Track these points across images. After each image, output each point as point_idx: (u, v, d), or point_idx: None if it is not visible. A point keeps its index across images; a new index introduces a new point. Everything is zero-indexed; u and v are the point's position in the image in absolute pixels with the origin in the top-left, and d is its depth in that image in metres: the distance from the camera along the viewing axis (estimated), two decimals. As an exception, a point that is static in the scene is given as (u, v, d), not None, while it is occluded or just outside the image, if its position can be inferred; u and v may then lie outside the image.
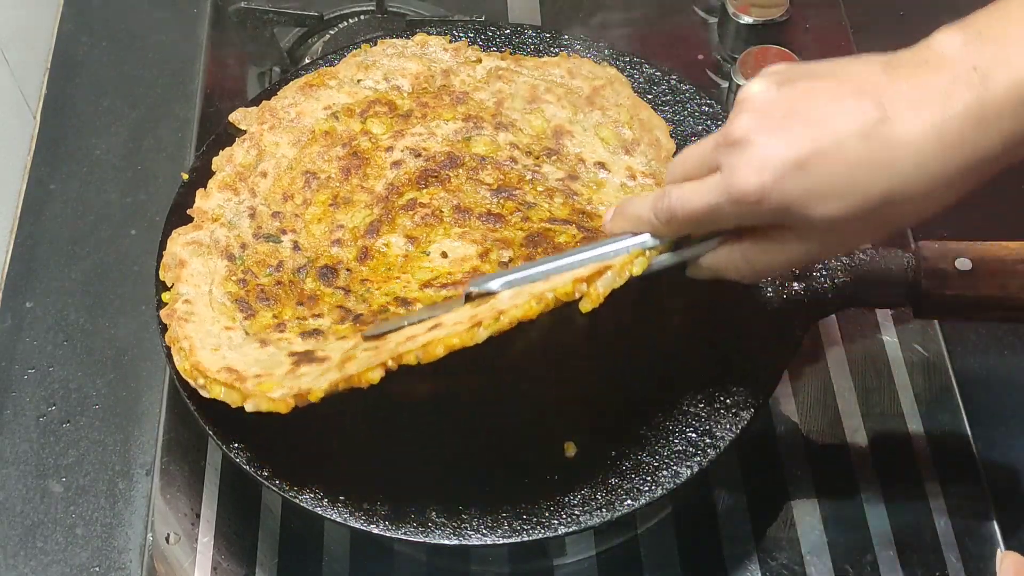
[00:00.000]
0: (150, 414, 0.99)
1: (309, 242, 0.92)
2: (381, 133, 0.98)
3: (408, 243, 0.91)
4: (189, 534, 0.92)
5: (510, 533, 0.81)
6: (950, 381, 0.98)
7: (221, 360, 0.81)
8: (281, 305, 0.87)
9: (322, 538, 0.92)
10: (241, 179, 0.94)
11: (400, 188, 0.94)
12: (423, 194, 0.94)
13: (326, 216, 0.93)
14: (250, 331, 0.85)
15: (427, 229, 0.92)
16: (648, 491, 0.82)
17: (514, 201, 0.92)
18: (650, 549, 0.91)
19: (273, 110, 0.98)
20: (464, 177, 0.94)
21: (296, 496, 0.82)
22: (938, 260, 0.87)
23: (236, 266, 0.89)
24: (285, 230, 0.92)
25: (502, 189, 0.93)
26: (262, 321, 0.86)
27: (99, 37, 1.26)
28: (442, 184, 0.94)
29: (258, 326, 0.85)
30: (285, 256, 0.90)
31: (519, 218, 0.91)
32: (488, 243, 0.90)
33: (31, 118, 1.19)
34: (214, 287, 0.88)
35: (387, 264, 0.90)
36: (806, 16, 1.22)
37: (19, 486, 0.96)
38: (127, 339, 1.04)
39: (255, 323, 0.86)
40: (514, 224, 0.91)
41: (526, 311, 0.73)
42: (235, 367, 0.80)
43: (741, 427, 0.84)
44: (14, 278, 1.08)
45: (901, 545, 0.90)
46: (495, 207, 0.92)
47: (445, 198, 0.93)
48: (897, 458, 0.94)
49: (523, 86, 1.00)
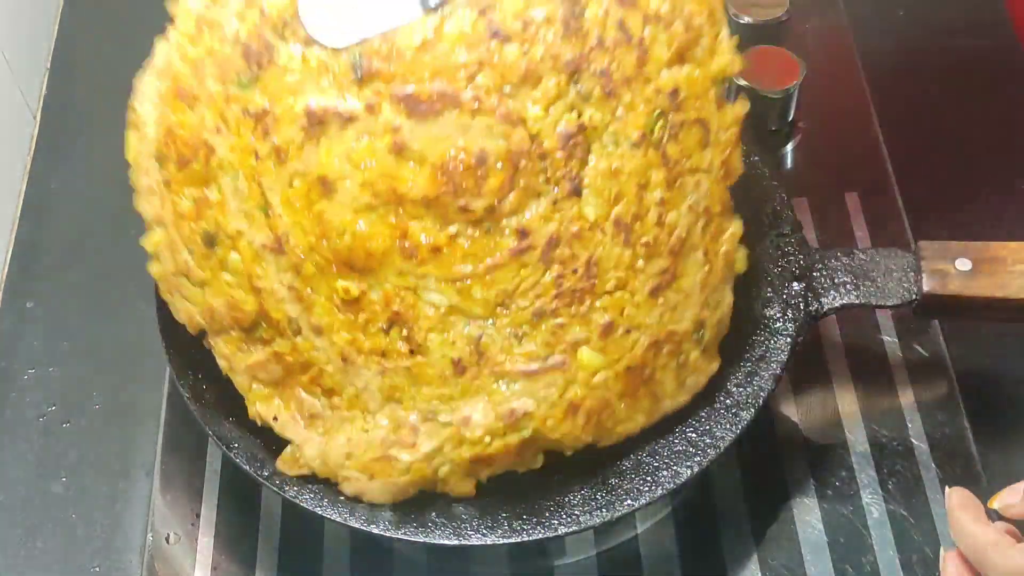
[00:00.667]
0: (150, 414, 0.99)
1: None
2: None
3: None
4: (189, 534, 0.92)
5: (510, 533, 0.81)
6: (950, 381, 0.98)
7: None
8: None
9: (322, 538, 0.92)
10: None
11: None
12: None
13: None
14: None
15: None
16: (648, 491, 0.82)
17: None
18: (650, 549, 0.91)
19: None
20: None
21: (296, 496, 0.82)
22: (938, 260, 0.87)
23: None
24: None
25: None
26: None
27: (99, 37, 1.26)
28: None
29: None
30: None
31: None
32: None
33: (31, 118, 1.19)
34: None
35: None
36: (806, 16, 1.22)
37: (19, 486, 0.96)
38: (127, 339, 1.04)
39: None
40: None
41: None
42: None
43: (741, 427, 0.84)
44: (14, 278, 1.08)
45: (901, 545, 0.90)
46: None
47: None
48: (897, 458, 0.94)
49: None
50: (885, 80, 1.19)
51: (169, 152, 0.77)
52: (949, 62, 1.21)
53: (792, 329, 0.88)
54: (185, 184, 0.77)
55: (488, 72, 0.76)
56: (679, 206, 0.79)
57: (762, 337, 0.88)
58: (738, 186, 0.95)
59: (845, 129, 1.16)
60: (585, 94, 0.77)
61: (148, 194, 0.79)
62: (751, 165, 0.96)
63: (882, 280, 0.89)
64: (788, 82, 1.11)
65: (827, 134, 1.16)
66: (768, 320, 0.88)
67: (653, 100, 0.78)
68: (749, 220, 0.94)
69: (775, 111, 1.13)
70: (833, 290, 0.89)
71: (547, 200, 0.77)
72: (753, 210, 0.94)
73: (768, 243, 0.92)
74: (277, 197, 0.77)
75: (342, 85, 0.76)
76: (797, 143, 1.15)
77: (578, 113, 0.78)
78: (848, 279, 0.89)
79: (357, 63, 0.76)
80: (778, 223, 0.93)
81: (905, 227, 1.07)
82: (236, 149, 0.77)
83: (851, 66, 1.20)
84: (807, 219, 1.08)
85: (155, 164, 0.78)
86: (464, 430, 0.78)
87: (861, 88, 1.17)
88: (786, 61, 1.12)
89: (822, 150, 1.14)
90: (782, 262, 0.91)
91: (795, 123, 1.15)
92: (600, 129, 0.78)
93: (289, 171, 0.76)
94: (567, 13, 0.77)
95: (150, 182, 0.78)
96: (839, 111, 1.17)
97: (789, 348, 0.87)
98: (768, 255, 0.92)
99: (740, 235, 0.83)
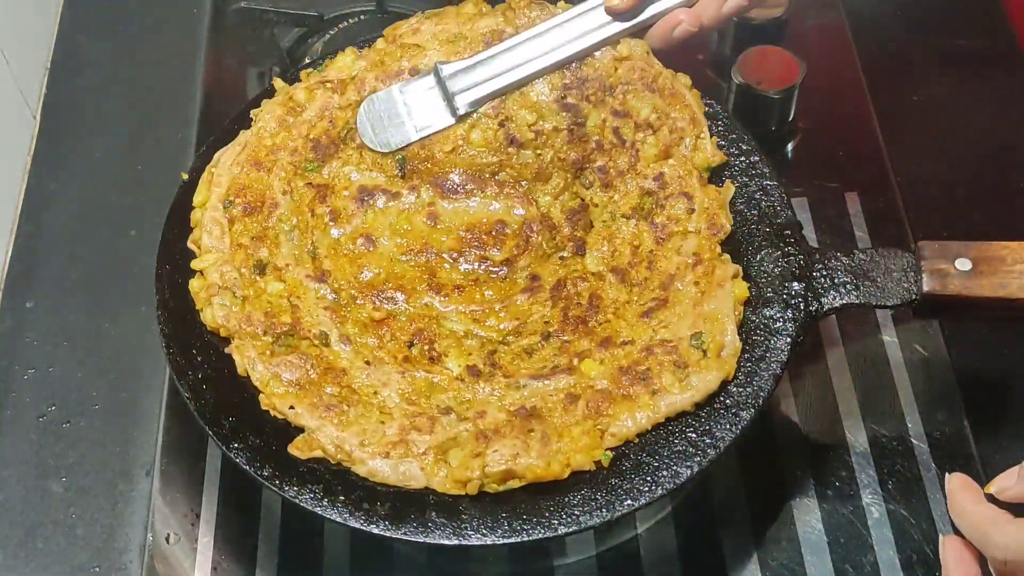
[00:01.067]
0: (150, 414, 0.99)
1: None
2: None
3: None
4: (189, 534, 0.92)
5: (510, 533, 0.81)
6: (950, 381, 0.98)
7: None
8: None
9: (322, 538, 0.92)
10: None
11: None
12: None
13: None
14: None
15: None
16: (648, 491, 0.82)
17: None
18: (650, 549, 0.91)
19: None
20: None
21: (296, 496, 0.82)
22: (938, 260, 0.87)
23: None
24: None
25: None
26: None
27: (99, 37, 1.26)
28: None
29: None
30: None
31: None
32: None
33: (31, 118, 1.19)
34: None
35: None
36: (806, 16, 1.22)
37: (19, 486, 0.96)
38: (127, 339, 1.04)
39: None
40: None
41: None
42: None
43: (741, 427, 0.84)
44: (14, 278, 1.08)
45: (901, 545, 0.90)
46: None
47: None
48: (897, 458, 0.94)
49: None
50: (885, 80, 1.19)
51: (239, 200, 0.94)
52: (949, 62, 1.21)
53: (792, 329, 0.88)
54: (247, 224, 0.93)
55: (507, 171, 0.98)
56: (669, 257, 0.92)
57: (762, 337, 0.88)
58: (739, 187, 0.96)
59: (845, 129, 1.16)
60: (587, 184, 0.97)
61: (212, 224, 0.93)
62: (751, 165, 0.97)
63: (882, 280, 0.89)
64: (788, 82, 1.11)
65: (827, 134, 1.16)
66: (768, 320, 0.88)
67: (643, 184, 0.95)
68: (749, 220, 0.94)
69: (775, 111, 1.13)
70: (833, 290, 0.89)
71: (556, 257, 0.95)
72: (753, 210, 0.94)
73: (768, 243, 0.92)
74: (324, 246, 0.94)
75: (390, 176, 0.98)
76: (797, 143, 1.15)
77: (581, 198, 0.97)
78: (848, 279, 0.89)
79: (402, 163, 0.98)
80: (778, 223, 0.93)
81: (905, 227, 1.07)
82: (296, 208, 0.95)
83: (851, 66, 1.20)
84: (807, 219, 1.08)
85: (221, 205, 0.93)
86: (480, 422, 0.84)
87: (861, 88, 1.17)
88: (786, 61, 1.12)
89: (822, 150, 1.14)
90: (782, 262, 0.91)
91: (795, 123, 1.15)
92: (600, 207, 0.96)
93: (340, 228, 0.95)
94: (571, 123, 0.97)
95: (216, 216, 0.93)
96: (839, 111, 1.17)
97: (789, 348, 0.87)
98: (768, 255, 0.92)
99: (732, 275, 0.89)
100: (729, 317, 0.87)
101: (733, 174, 0.96)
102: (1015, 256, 0.87)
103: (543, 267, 0.94)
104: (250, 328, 0.88)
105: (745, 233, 0.94)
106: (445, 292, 0.92)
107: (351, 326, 0.89)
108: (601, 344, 0.88)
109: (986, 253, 0.87)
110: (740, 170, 0.96)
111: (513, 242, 0.95)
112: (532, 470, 0.81)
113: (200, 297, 0.89)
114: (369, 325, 0.90)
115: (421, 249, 0.94)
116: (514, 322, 0.91)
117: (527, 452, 0.81)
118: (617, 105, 0.97)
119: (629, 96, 0.97)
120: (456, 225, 0.95)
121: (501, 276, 0.94)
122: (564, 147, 0.97)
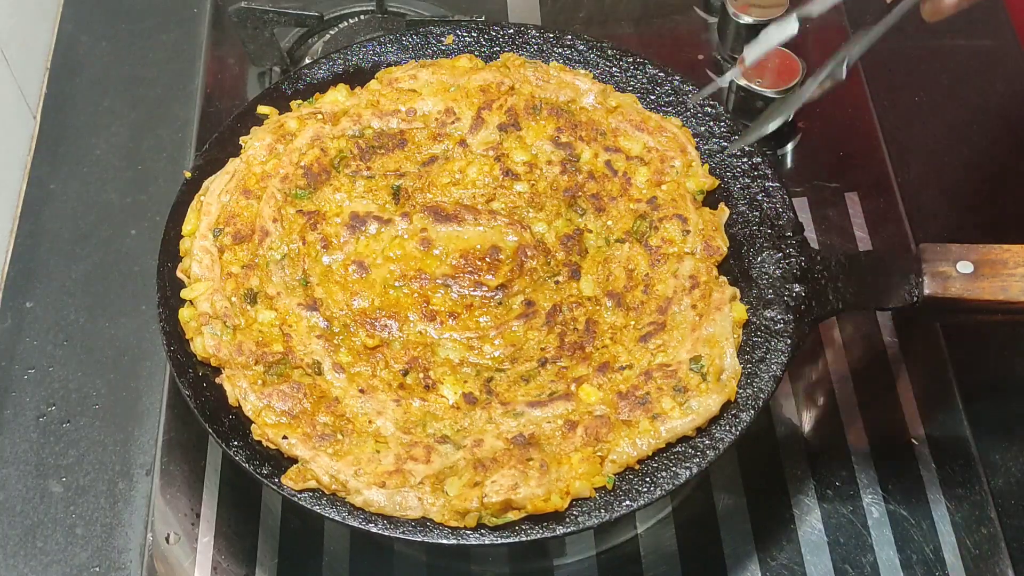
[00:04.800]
0: (150, 414, 0.99)
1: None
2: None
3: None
4: (189, 534, 0.92)
5: (510, 533, 0.81)
6: (950, 382, 0.98)
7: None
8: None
9: (322, 538, 0.92)
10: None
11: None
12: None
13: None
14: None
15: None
16: (647, 491, 0.82)
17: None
18: (650, 549, 0.91)
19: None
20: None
21: (296, 496, 0.82)
22: (939, 262, 0.87)
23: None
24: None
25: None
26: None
27: (99, 37, 1.26)
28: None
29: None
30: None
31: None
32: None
33: (31, 118, 1.19)
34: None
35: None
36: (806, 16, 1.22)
37: (19, 486, 0.96)
38: (127, 339, 1.04)
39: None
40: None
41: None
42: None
43: (740, 428, 0.84)
44: (14, 278, 1.08)
45: (901, 545, 0.90)
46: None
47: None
48: (897, 458, 0.94)
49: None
50: (885, 80, 1.19)
51: (228, 229, 0.94)
52: (949, 62, 1.21)
53: (792, 331, 0.88)
54: (238, 253, 0.93)
55: (502, 199, 0.98)
56: (665, 280, 0.91)
57: (762, 339, 0.88)
58: (740, 188, 0.96)
59: (845, 129, 1.16)
60: (580, 212, 0.98)
61: (202, 253, 0.92)
62: (753, 166, 0.97)
63: (883, 282, 0.89)
64: (788, 82, 1.11)
65: (827, 134, 1.16)
66: (769, 322, 0.88)
67: (636, 207, 0.96)
68: (751, 222, 0.94)
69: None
70: (834, 292, 0.89)
71: (551, 282, 0.94)
72: (755, 212, 0.94)
73: (770, 244, 0.92)
74: (316, 273, 0.93)
75: (382, 203, 0.97)
76: (797, 143, 1.15)
77: (575, 225, 0.97)
78: (850, 282, 0.89)
79: (396, 191, 0.98)
80: (779, 224, 0.93)
81: (905, 228, 1.07)
82: (287, 236, 0.95)
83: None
84: (807, 219, 1.08)
85: (211, 234, 0.93)
86: (477, 451, 0.84)
87: (861, 88, 1.17)
88: (786, 61, 1.12)
89: (822, 150, 1.14)
90: (784, 264, 0.91)
91: (795, 123, 1.15)
92: (595, 233, 0.97)
93: (331, 255, 0.94)
94: (564, 158, 0.99)
95: (206, 245, 0.93)
96: (839, 111, 1.17)
97: (789, 350, 0.87)
98: (770, 256, 0.92)
99: (731, 298, 0.90)
100: (728, 340, 0.87)
101: (735, 175, 0.96)
102: (1016, 259, 0.87)
103: (538, 292, 0.93)
104: (241, 358, 0.87)
105: (747, 234, 0.94)
106: (440, 319, 0.92)
107: (344, 354, 0.89)
108: (599, 369, 0.88)
109: (987, 256, 0.87)
110: (742, 171, 0.96)
111: (508, 267, 0.94)
112: (532, 501, 0.80)
113: (190, 327, 0.89)
114: (363, 353, 0.90)
115: (414, 275, 0.94)
116: (510, 348, 0.90)
117: (526, 482, 0.81)
118: (609, 143, 0.99)
119: (620, 137, 0.99)
120: (449, 251, 0.95)
121: (496, 301, 0.93)
122: (557, 178, 0.98)
